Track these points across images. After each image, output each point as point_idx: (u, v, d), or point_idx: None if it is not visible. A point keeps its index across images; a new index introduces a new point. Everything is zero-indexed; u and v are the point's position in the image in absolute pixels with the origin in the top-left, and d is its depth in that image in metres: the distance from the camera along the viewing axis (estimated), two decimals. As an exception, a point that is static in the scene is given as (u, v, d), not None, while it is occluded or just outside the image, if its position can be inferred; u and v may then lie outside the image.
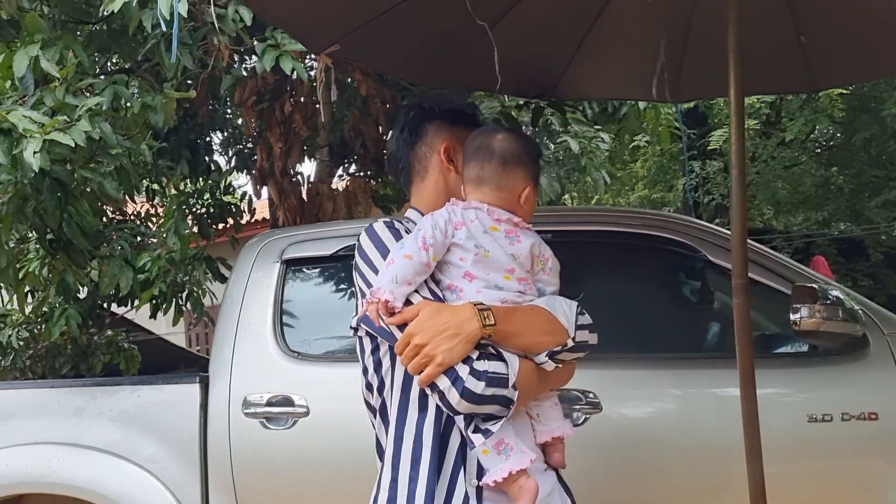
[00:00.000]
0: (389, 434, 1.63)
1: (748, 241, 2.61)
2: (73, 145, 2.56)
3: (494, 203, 1.67)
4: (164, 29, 2.22)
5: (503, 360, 1.52)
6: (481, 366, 1.49)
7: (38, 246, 3.60)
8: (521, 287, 1.62)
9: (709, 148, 9.41)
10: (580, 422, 2.33)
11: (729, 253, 2.05)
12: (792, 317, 2.13)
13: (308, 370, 2.59)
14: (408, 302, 1.56)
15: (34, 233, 3.27)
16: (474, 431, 1.52)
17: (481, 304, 1.53)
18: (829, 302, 2.17)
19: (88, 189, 2.93)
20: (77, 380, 4.74)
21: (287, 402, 2.51)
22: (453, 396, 1.49)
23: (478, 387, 1.48)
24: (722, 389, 2.39)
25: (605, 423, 2.35)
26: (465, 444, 1.56)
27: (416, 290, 1.57)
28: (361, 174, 5.30)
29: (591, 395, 2.36)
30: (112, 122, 2.78)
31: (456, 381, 1.48)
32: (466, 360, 1.49)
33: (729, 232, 2.59)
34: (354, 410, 2.44)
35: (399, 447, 1.60)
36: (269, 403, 2.51)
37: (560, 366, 1.59)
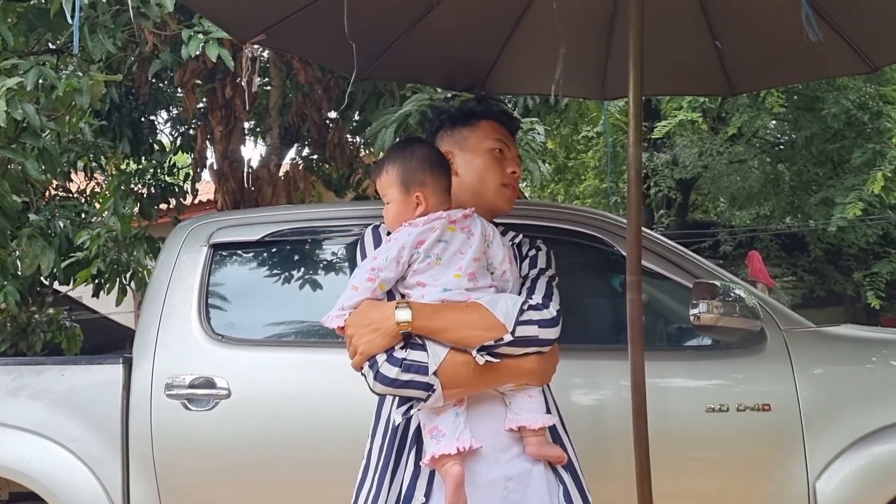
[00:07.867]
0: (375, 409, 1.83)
1: (670, 241, 2.74)
2: (-8, 125, 2.53)
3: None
4: (69, 19, 2.21)
5: (425, 351, 1.66)
6: (400, 354, 1.65)
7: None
8: (469, 284, 1.73)
9: (652, 137, 9.54)
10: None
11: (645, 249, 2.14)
12: (691, 312, 2.22)
13: (231, 353, 2.59)
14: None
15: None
16: (405, 413, 1.70)
17: (404, 302, 1.69)
18: (728, 299, 2.27)
19: (11, 169, 2.90)
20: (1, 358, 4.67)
21: (209, 384, 2.51)
22: (370, 379, 1.67)
23: (391, 371, 1.64)
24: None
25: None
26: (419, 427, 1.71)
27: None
28: (314, 157, 5.31)
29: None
30: (37, 103, 2.75)
31: (373, 365, 1.65)
32: (390, 349, 1.65)
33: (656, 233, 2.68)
34: (274, 393, 2.55)
35: (377, 421, 1.82)
36: (191, 385, 2.52)
37: (498, 360, 1.67)
